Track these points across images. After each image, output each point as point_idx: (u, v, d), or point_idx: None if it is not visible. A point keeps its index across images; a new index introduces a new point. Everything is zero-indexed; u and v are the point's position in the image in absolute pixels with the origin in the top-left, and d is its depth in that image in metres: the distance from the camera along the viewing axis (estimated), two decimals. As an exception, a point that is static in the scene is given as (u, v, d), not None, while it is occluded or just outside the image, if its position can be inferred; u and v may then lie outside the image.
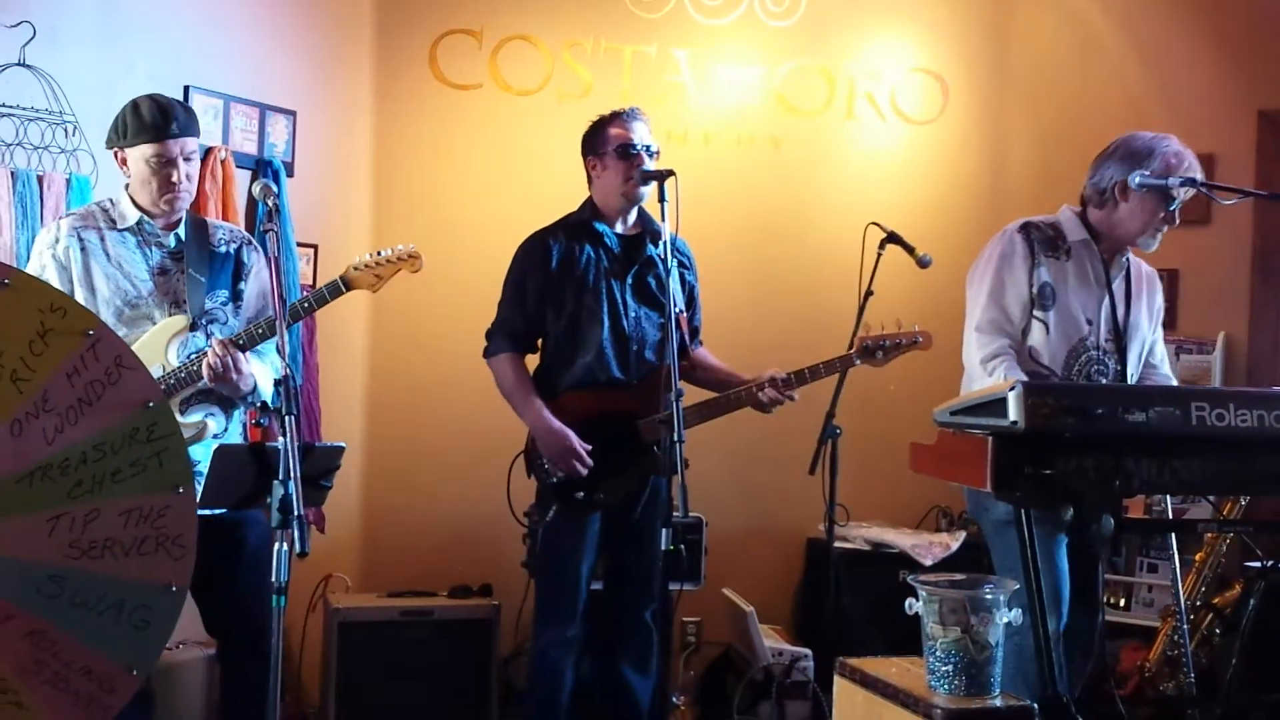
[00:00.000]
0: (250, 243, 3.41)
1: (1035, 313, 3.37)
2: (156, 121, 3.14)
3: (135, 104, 3.19)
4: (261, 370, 3.27)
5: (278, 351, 2.82)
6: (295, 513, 2.56)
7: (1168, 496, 3.75)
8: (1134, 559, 4.72)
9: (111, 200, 3.28)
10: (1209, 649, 4.26)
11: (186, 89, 4.17)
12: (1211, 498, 3.70)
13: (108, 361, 2.60)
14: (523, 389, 3.68)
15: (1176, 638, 4.09)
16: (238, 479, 2.84)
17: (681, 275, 3.78)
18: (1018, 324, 3.38)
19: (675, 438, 3.15)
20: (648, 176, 3.59)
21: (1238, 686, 4.04)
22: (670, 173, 3.42)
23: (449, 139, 4.93)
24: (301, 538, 2.56)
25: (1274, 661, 4.12)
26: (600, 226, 3.71)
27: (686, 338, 3.73)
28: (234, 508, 2.98)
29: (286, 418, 2.66)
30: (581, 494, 3.62)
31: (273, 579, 2.59)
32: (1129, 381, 3.42)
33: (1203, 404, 2.60)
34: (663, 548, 3.15)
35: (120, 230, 3.24)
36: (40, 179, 3.66)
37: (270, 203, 2.97)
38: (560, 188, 3.90)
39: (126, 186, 3.27)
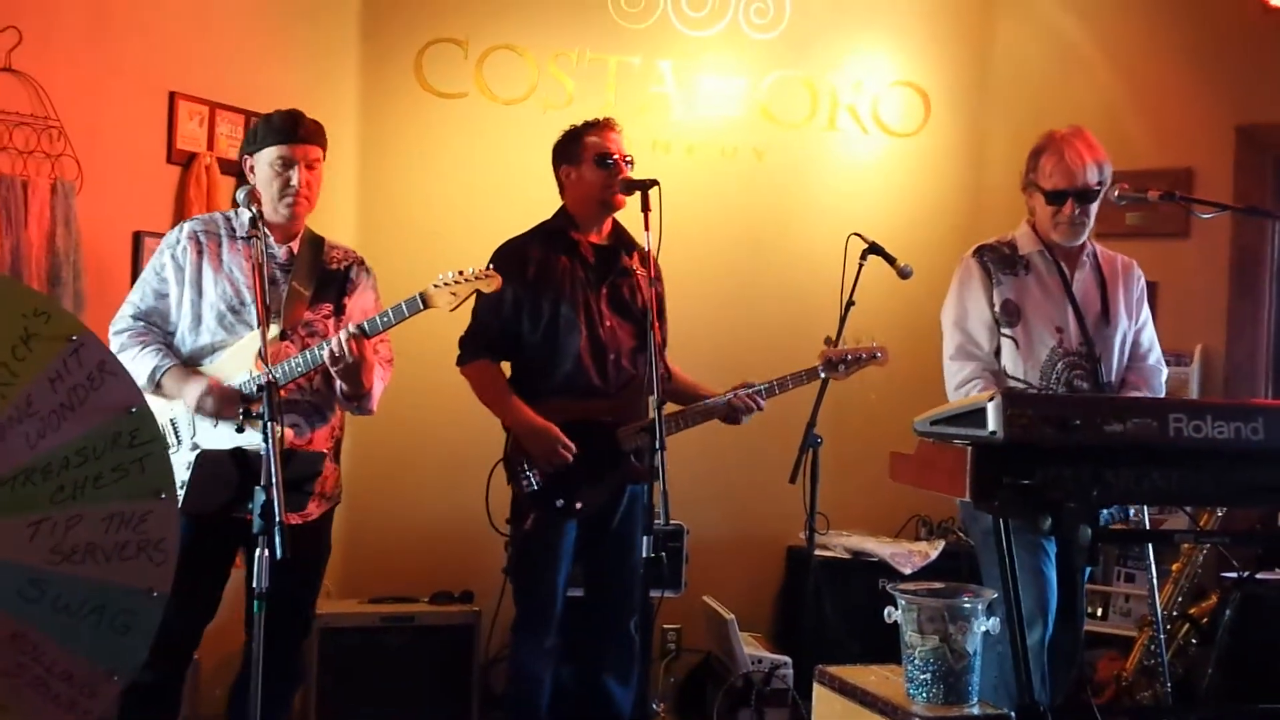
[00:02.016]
0: (362, 263, 3.52)
1: (1002, 331, 3.43)
2: (285, 126, 3.29)
3: (269, 115, 3.35)
4: (375, 374, 3.36)
5: (261, 357, 2.83)
6: (276, 519, 2.57)
7: (1145, 507, 3.78)
8: (1111, 569, 4.75)
9: (236, 211, 3.37)
10: (1185, 659, 4.29)
11: (172, 95, 4.17)
12: (1189, 509, 3.73)
13: (91, 366, 2.61)
14: (502, 391, 3.69)
15: (1153, 647, 4.11)
16: (220, 484, 2.84)
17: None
18: (987, 347, 3.45)
19: (657, 445, 3.16)
20: (631, 186, 3.60)
21: (1213, 696, 4.07)
22: (654, 182, 3.43)
23: (434, 147, 4.94)
24: (282, 543, 2.57)
25: (1249, 672, 4.15)
26: (575, 236, 3.73)
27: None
28: (216, 513, 2.98)
29: (268, 424, 2.67)
30: (561, 502, 3.62)
31: (255, 585, 2.60)
32: (1108, 380, 3.45)
33: (1180, 415, 2.62)
34: (644, 555, 3.16)
35: (237, 238, 3.33)
36: (25, 184, 3.66)
37: (255, 209, 3.00)
38: (544, 196, 3.90)
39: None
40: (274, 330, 3.26)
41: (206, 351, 3.28)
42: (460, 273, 3.24)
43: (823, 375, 3.78)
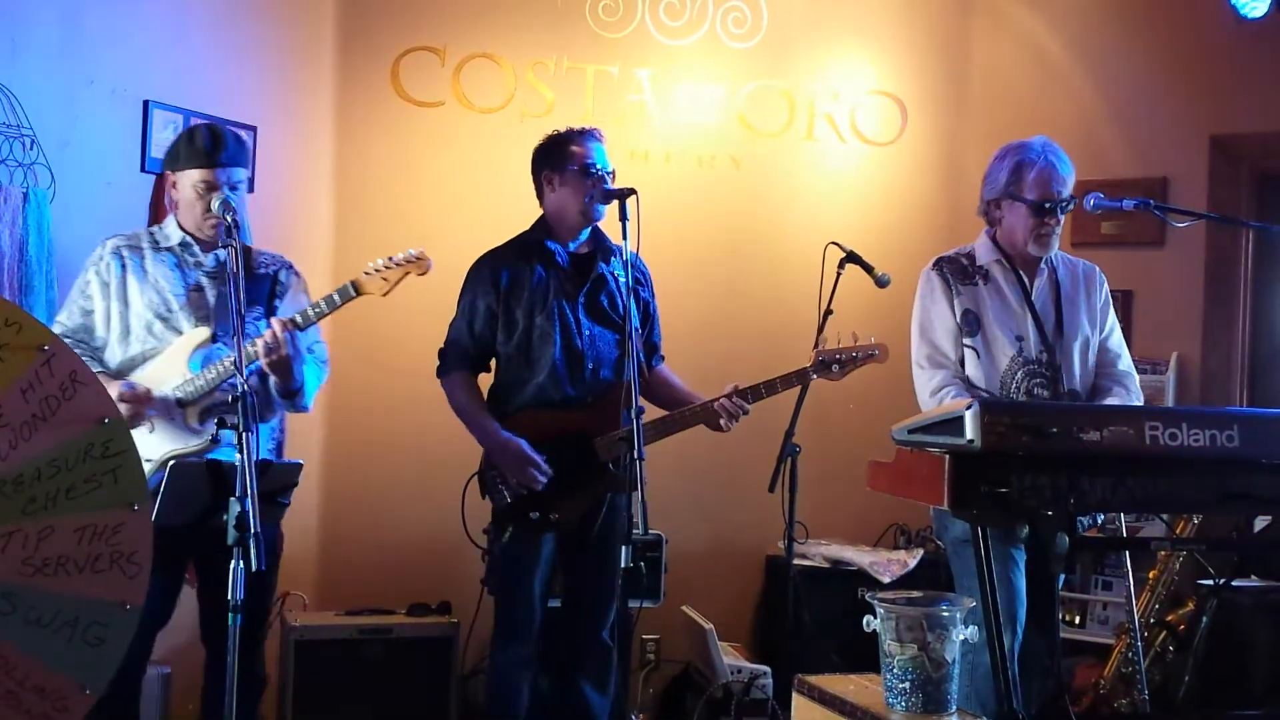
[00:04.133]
0: (290, 266, 3.51)
1: (964, 341, 3.44)
2: (207, 149, 3.26)
3: (191, 131, 3.32)
4: (311, 373, 3.35)
5: (237, 367, 2.81)
6: (251, 530, 2.55)
7: (1122, 515, 3.79)
8: (1088, 577, 4.77)
9: (160, 225, 3.40)
10: (1162, 666, 4.30)
11: (147, 103, 4.15)
12: (1165, 516, 3.75)
13: (62, 376, 2.58)
14: (472, 406, 3.68)
15: (1130, 655, 4.12)
16: (194, 495, 2.82)
17: (636, 292, 3.79)
18: (953, 355, 3.46)
19: (636, 455, 3.15)
20: (609, 195, 3.59)
21: (1190, 703, 4.08)
22: (631, 191, 3.43)
23: (411, 155, 4.92)
24: (258, 555, 2.55)
25: (1226, 678, 4.16)
26: (552, 245, 3.72)
27: (642, 355, 3.74)
28: (191, 524, 2.96)
29: (243, 434, 2.65)
30: (536, 514, 3.60)
31: (229, 597, 2.58)
32: (1070, 388, 3.45)
33: (1156, 423, 2.63)
34: (623, 565, 3.15)
35: (162, 249, 3.34)
36: (-3, 192, 3.64)
37: (230, 218, 2.98)
38: (523, 205, 3.90)
39: (175, 209, 3.37)
40: (205, 332, 3.27)
41: (137, 361, 3.28)
42: (390, 258, 3.30)
43: (815, 376, 3.70)
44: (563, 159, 3.70)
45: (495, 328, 3.68)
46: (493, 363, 3.79)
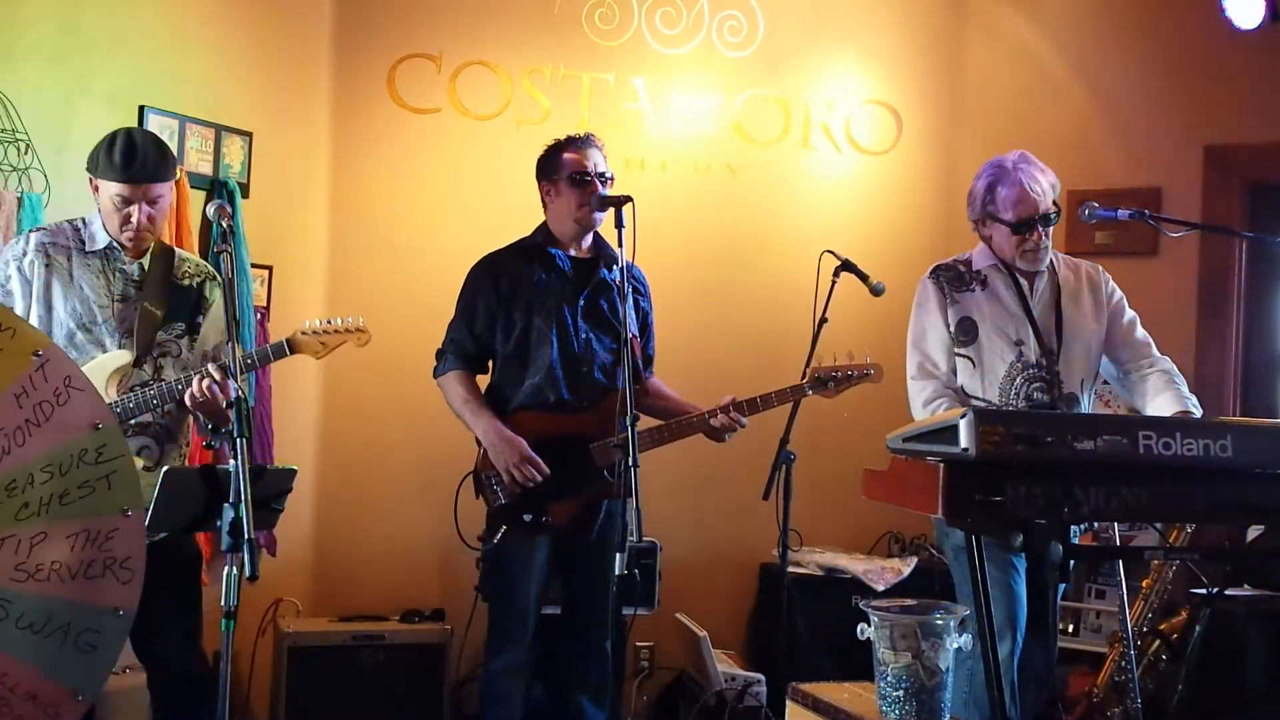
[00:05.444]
0: (214, 278, 3.38)
1: (957, 351, 3.44)
2: (123, 162, 3.13)
3: (112, 138, 3.17)
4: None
5: (230, 372, 2.80)
6: (246, 536, 2.54)
7: (1115, 524, 3.79)
8: (1082, 585, 4.77)
9: (85, 220, 3.27)
10: (1155, 675, 4.30)
11: (142, 109, 4.15)
12: (1158, 525, 3.74)
13: (57, 382, 2.58)
14: (474, 402, 3.69)
15: (1124, 664, 4.13)
16: (187, 502, 2.81)
17: (636, 301, 3.80)
18: (944, 367, 3.48)
19: (630, 462, 3.15)
20: (605, 202, 3.60)
21: (1184, 712, 4.09)
22: (628, 199, 3.43)
23: (406, 162, 4.93)
24: (252, 561, 2.54)
25: (1219, 687, 4.17)
26: (553, 250, 3.73)
27: (640, 363, 3.75)
28: (183, 531, 2.95)
29: (238, 440, 2.65)
30: (529, 516, 3.61)
31: (222, 603, 2.57)
32: (1066, 392, 3.45)
33: (1150, 433, 2.62)
34: (617, 572, 3.15)
35: (88, 252, 3.23)
36: (-9, 197, 3.62)
37: (225, 224, 2.98)
38: (518, 212, 3.91)
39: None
40: (126, 356, 3.18)
41: None
42: (329, 322, 3.24)
43: (810, 393, 3.74)
44: (556, 167, 3.72)
45: (495, 328, 3.69)
46: (489, 364, 3.80)
